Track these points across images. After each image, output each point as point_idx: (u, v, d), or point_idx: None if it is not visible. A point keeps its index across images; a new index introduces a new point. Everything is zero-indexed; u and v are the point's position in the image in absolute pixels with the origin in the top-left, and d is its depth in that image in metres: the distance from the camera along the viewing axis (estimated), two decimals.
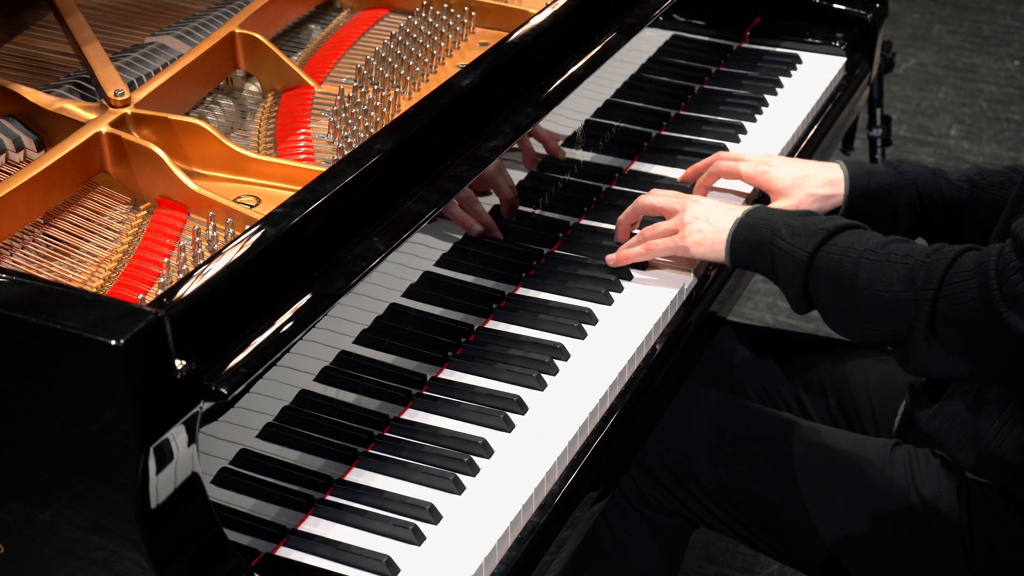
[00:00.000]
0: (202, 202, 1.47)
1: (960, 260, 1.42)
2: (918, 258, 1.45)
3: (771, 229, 1.56)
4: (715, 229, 1.62)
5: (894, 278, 1.44)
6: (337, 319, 1.36)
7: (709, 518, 1.72)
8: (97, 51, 1.63)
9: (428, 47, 1.82)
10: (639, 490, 1.72)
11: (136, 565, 1.14)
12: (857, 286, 1.47)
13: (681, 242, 1.65)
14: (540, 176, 1.75)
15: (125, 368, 1.06)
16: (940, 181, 1.75)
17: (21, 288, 1.14)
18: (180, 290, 1.21)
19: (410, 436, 1.45)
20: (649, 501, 1.73)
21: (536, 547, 1.37)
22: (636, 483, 1.72)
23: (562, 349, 1.58)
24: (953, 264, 1.42)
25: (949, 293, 1.40)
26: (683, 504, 1.72)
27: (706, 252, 1.64)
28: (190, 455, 1.15)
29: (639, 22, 1.90)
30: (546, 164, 1.76)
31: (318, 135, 1.64)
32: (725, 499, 1.69)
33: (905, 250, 1.47)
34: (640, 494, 1.73)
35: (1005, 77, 4.44)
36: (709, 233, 1.63)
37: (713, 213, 1.64)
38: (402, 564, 1.29)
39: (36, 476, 1.17)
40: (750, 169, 1.80)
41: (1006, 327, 1.36)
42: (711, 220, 1.63)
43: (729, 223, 1.62)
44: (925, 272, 1.43)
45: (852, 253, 1.49)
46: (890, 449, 1.65)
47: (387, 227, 1.42)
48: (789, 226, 1.55)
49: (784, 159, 1.82)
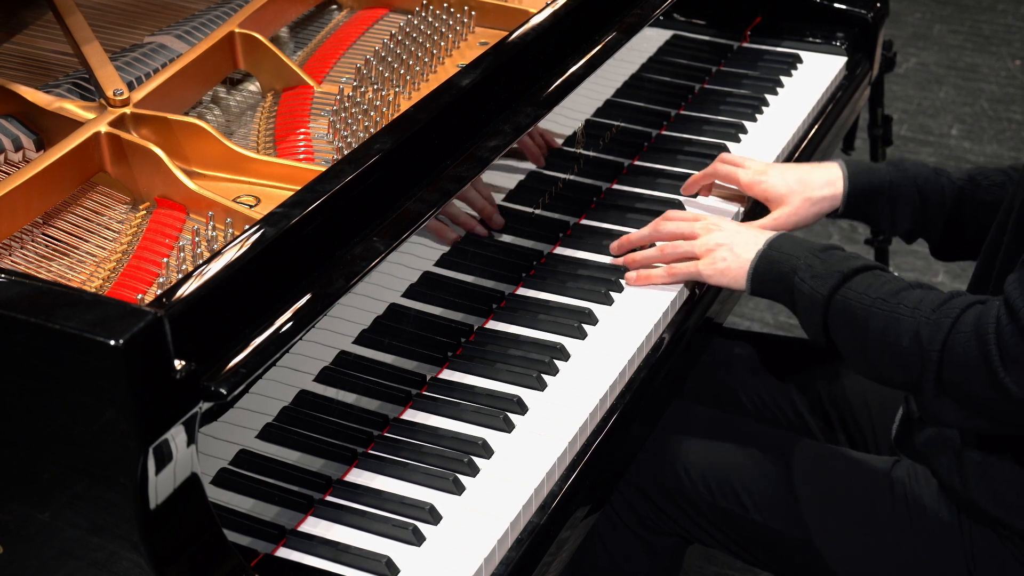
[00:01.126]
0: (201, 202, 1.46)
1: (962, 319, 1.42)
2: (925, 313, 1.44)
3: (791, 266, 1.56)
4: (738, 260, 1.62)
5: (902, 332, 1.44)
6: (337, 319, 1.36)
7: (704, 537, 1.71)
8: (96, 51, 1.63)
9: (428, 47, 1.82)
10: (633, 510, 1.71)
11: (135, 566, 1.14)
12: (869, 333, 1.47)
13: (706, 270, 1.65)
14: (540, 176, 1.75)
15: (124, 368, 1.06)
16: (941, 180, 1.75)
17: (20, 288, 1.14)
18: (179, 290, 1.21)
19: (410, 436, 1.45)
20: (643, 521, 1.71)
21: (536, 548, 1.37)
22: (629, 503, 1.71)
23: (562, 349, 1.58)
24: (956, 324, 1.42)
25: (952, 356, 1.41)
26: (677, 524, 1.70)
27: (728, 283, 1.64)
28: (189, 455, 1.15)
29: (639, 21, 1.90)
30: (547, 163, 1.76)
31: (318, 135, 1.64)
32: (721, 520, 1.67)
33: (915, 301, 1.46)
34: (634, 514, 1.71)
35: (1006, 77, 4.44)
36: (733, 263, 1.62)
37: (736, 242, 1.64)
38: (402, 565, 1.29)
39: (36, 476, 1.16)
40: (748, 178, 1.81)
41: (1005, 392, 1.37)
42: (734, 250, 1.63)
43: (751, 254, 1.61)
44: (930, 331, 1.43)
45: (865, 300, 1.49)
46: (890, 467, 1.64)
47: (387, 227, 1.42)
48: (809, 265, 1.55)
49: (782, 166, 1.82)
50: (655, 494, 1.69)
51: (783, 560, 1.67)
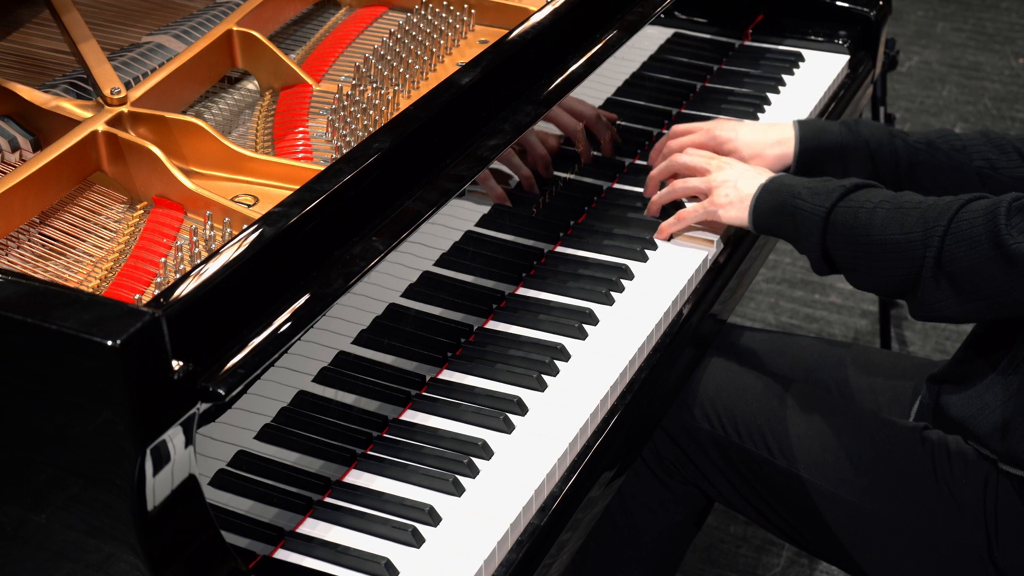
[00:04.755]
0: (199, 201, 1.46)
1: (971, 205, 1.50)
2: (931, 202, 1.53)
3: (792, 192, 1.64)
4: (740, 195, 1.70)
5: (906, 222, 1.52)
6: (336, 319, 1.35)
7: (724, 487, 1.71)
8: (93, 49, 1.62)
9: (427, 45, 1.81)
10: (656, 451, 1.72)
11: (132, 568, 1.13)
12: (872, 235, 1.54)
13: (711, 207, 1.72)
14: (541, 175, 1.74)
15: (121, 369, 1.06)
16: (896, 142, 1.79)
17: (17, 288, 1.13)
18: (177, 290, 1.20)
19: (409, 437, 1.44)
20: (665, 465, 1.73)
21: (536, 549, 1.36)
22: (653, 444, 1.72)
23: (563, 350, 1.57)
24: (964, 207, 1.50)
25: (958, 229, 1.48)
26: (699, 471, 1.71)
27: (733, 218, 1.71)
28: (187, 457, 1.14)
29: (640, 19, 1.89)
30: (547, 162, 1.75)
31: (316, 134, 1.63)
32: (744, 463, 1.68)
33: (919, 198, 1.55)
34: (657, 456, 1.72)
35: (1010, 75, 4.43)
36: (736, 198, 1.71)
37: (741, 178, 1.71)
38: (401, 566, 1.29)
39: (31, 478, 1.16)
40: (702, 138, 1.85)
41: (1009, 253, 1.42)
42: (738, 186, 1.71)
43: (753, 188, 1.69)
44: (937, 212, 1.51)
45: (868, 204, 1.56)
46: (920, 431, 1.64)
47: (386, 226, 1.42)
48: (809, 187, 1.63)
49: (738, 123, 1.88)
50: (679, 436, 1.71)
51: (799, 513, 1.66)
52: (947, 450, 1.60)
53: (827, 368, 1.85)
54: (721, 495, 1.73)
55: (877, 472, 1.62)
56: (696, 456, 1.70)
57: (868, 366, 1.84)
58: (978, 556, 1.56)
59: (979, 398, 1.58)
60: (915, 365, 1.82)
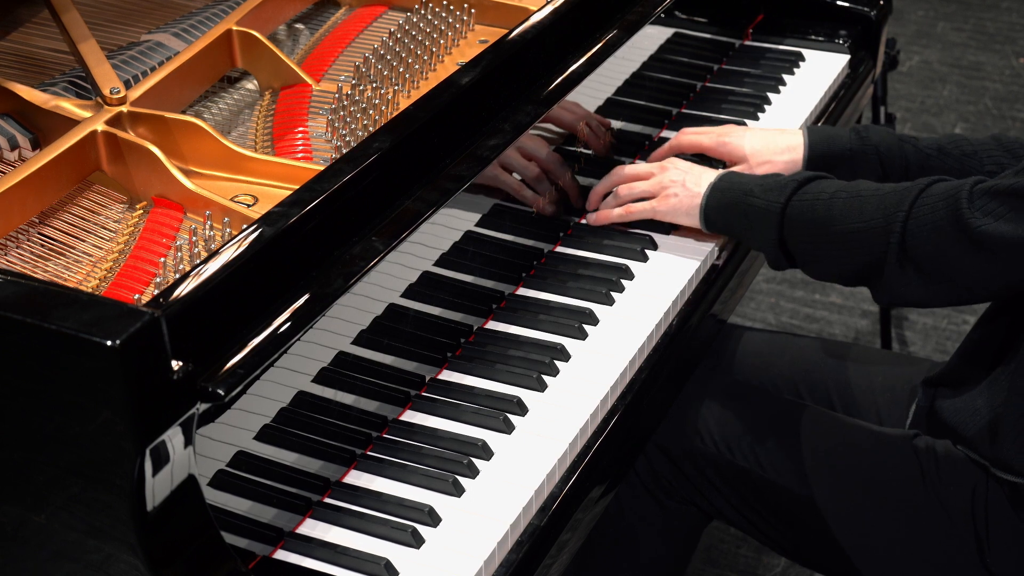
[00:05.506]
0: (199, 201, 1.46)
1: (931, 188, 1.50)
2: (889, 188, 1.53)
3: (743, 190, 1.64)
4: (689, 194, 1.70)
5: (866, 209, 1.52)
6: (335, 319, 1.35)
7: (720, 503, 1.71)
8: (93, 48, 1.62)
9: (427, 44, 1.81)
10: (652, 471, 1.72)
11: (132, 568, 1.13)
12: (831, 225, 1.54)
13: (660, 206, 1.72)
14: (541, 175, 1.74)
15: (121, 369, 1.06)
16: (906, 148, 1.78)
17: (16, 288, 1.13)
18: (176, 290, 1.20)
19: (409, 438, 1.44)
20: (661, 483, 1.72)
21: (536, 550, 1.36)
22: (649, 462, 1.72)
23: (563, 350, 1.57)
24: (926, 189, 1.50)
25: (919, 214, 1.48)
26: (696, 489, 1.71)
27: (682, 217, 1.72)
28: (186, 457, 1.14)
29: (641, 19, 1.89)
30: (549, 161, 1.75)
31: (316, 133, 1.63)
32: (737, 480, 1.67)
33: (875, 185, 1.56)
34: (653, 475, 1.72)
35: (1010, 75, 4.43)
36: (685, 198, 1.71)
37: (688, 177, 1.72)
38: (401, 567, 1.28)
39: (31, 478, 1.16)
40: (711, 140, 1.85)
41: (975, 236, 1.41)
42: (686, 185, 1.71)
43: (703, 188, 1.69)
44: (897, 197, 1.50)
45: (823, 196, 1.57)
46: (910, 440, 1.64)
47: (386, 226, 1.41)
48: (761, 184, 1.63)
49: (747, 129, 1.87)
50: (675, 453, 1.70)
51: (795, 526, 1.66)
52: (935, 457, 1.60)
53: (827, 369, 1.85)
54: (718, 512, 1.73)
55: (868, 483, 1.62)
56: (691, 474, 1.70)
57: (868, 367, 1.83)
58: (971, 562, 1.56)
59: (971, 403, 1.57)
60: (915, 366, 1.82)
